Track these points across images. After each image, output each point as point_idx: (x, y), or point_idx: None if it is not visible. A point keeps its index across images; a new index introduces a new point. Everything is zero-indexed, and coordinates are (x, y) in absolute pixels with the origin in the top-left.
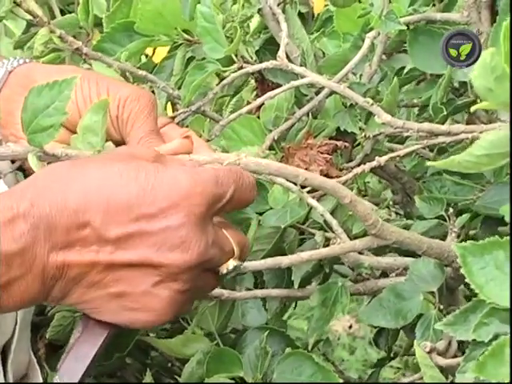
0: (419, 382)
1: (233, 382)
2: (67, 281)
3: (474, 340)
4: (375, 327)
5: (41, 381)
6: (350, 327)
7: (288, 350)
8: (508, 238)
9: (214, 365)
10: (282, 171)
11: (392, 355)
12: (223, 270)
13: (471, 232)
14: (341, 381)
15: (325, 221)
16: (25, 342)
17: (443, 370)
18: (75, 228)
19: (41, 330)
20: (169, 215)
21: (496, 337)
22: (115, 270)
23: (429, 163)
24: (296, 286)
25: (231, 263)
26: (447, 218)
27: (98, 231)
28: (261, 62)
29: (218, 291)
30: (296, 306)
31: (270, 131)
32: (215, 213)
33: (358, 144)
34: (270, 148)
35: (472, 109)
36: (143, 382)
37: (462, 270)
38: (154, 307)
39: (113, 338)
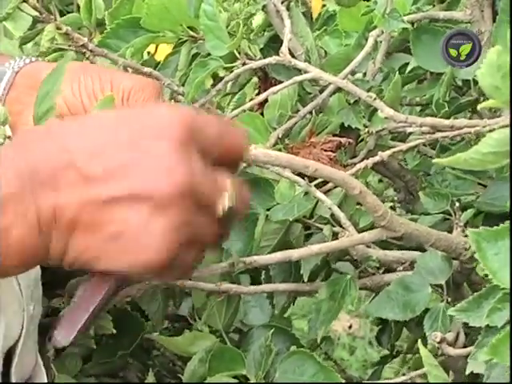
0: (419, 382)
1: (235, 381)
2: (62, 229)
3: (486, 326)
4: (377, 325)
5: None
6: (350, 327)
7: (293, 348)
8: None
9: (217, 363)
10: (292, 162)
11: (394, 353)
12: (219, 209)
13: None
14: (343, 381)
15: (332, 215)
16: (32, 344)
17: (446, 365)
18: (59, 169)
19: (49, 331)
20: (150, 144)
21: (509, 322)
22: (105, 209)
23: (434, 160)
24: (305, 278)
25: (226, 201)
26: (452, 213)
27: (81, 170)
28: None
29: (226, 286)
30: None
31: (274, 129)
32: (201, 146)
33: (362, 140)
34: (275, 146)
35: (479, 107)
36: (145, 382)
37: (476, 255)
38: (150, 244)
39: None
